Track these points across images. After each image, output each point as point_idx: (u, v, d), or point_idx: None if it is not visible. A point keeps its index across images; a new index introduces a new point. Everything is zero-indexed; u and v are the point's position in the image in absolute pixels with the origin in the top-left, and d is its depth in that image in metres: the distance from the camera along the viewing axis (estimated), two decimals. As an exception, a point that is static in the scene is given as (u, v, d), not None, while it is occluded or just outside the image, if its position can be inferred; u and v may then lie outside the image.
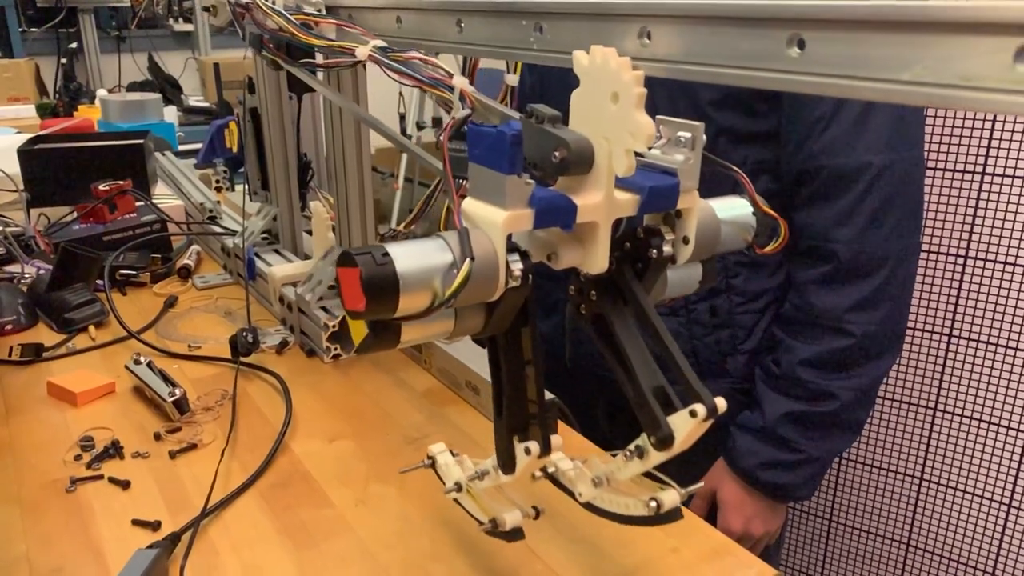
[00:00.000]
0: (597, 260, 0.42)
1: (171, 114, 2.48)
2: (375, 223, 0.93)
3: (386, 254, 0.37)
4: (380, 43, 0.57)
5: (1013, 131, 1.00)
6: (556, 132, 0.39)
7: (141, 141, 1.34)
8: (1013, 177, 1.01)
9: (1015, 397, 1.06)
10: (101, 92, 2.48)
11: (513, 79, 0.87)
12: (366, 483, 0.69)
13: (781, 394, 0.86)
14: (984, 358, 1.08)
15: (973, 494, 1.12)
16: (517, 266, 0.40)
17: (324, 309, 0.89)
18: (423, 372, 0.88)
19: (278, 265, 1.01)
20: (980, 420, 1.10)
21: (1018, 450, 1.07)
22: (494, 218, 0.39)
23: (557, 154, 0.39)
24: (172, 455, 0.72)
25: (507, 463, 0.48)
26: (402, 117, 2.96)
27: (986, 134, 1.01)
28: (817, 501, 1.25)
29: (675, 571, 0.58)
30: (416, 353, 0.89)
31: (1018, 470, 1.08)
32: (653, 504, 0.45)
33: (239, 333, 0.87)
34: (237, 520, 0.64)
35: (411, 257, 0.38)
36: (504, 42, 0.54)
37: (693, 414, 0.40)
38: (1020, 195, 1.01)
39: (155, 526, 0.62)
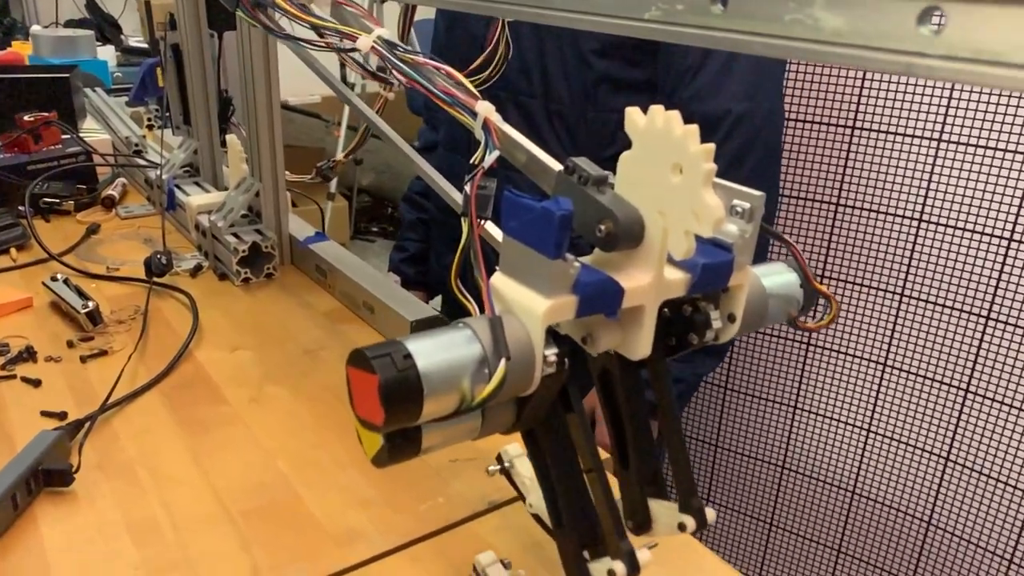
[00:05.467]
0: (639, 347, 0.37)
1: (108, 53, 2.47)
2: (284, 159, 0.99)
3: (408, 356, 0.32)
4: (385, 34, 0.50)
5: (879, 88, 1.09)
6: (602, 200, 0.35)
7: (67, 75, 1.37)
8: (879, 132, 1.11)
9: (876, 332, 1.18)
10: (35, 28, 2.44)
11: None
12: (261, 385, 0.76)
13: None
14: (852, 297, 1.18)
15: (838, 420, 1.24)
16: (552, 352, 0.35)
17: (235, 235, 0.96)
18: (327, 295, 0.95)
19: (195, 195, 1.07)
20: (846, 353, 1.21)
21: (876, 380, 1.19)
22: (533, 307, 0.34)
23: (603, 227, 0.35)
24: (83, 359, 0.78)
25: None
26: (342, 65, 2.96)
27: (856, 91, 1.11)
28: (704, 428, 1.36)
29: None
30: (321, 278, 0.96)
31: (876, 398, 1.20)
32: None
33: (153, 255, 0.93)
34: (139, 414, 0.71)
35: (435, 353, 0.33)
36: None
37: (682, 527, 0.37)
38: (884, 147, 1.11)
39: (62, 416, 0.69)
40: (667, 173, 0.33)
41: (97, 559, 0.55)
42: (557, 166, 0.40)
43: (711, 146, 0.32)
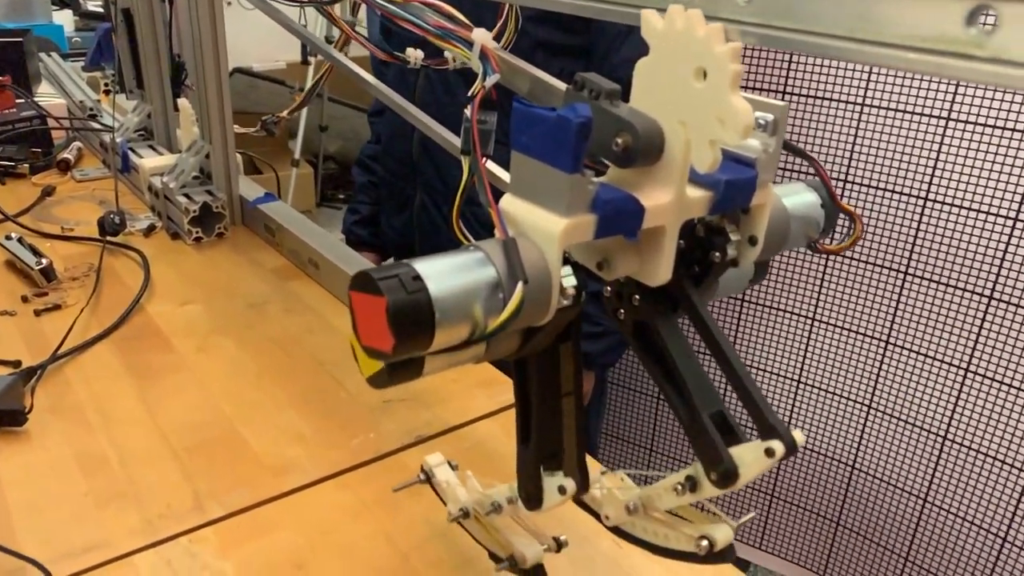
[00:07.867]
0: (659, 271, 0.35)
1: (66, 18, 2.45)
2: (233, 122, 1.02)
3: (417, 277, 0.30)
4: None
5: (811, 60, 1.14)
6: (617, 112, 0.32)
7: (20, 39, 1.38)
8: (808, 96, 1.16)
9: (806, 290, 1.24)
10: (-10, -8, 2.42)
11: None
12: (208, 336, 0.80)
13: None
14: (781, 256, 1.25)
15: (770, 372, 1.31)
16: (570, 282, 0.33)
17: (186, 196, 0.99)
18: (275, 253, 0.99)
19: (148, 158, 1.10)
20: (779, 309, 1.28)
21: (805, 335, 1.26)
22: (549, 227, 0.31)
23: (620, 141, 0.32)
24: (37, 313, 0.82)
25: (533, 497, 0.41)
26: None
27: (786, 57, 1.16)
28: (647, 383, 1.43)
29: (454, 395, 0.72)
30: (270, 237, 1.00)
31: (805, 352, 1.27)
32: (704, 543, 0.38)
33: (106, 214, 0.96)
34: (91, 363, 0.75)
35: (446, 277, 0.30)
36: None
37: (770, 453, 0.33)
38: (813, 112, 1.16)
39: (16, 364, 0.73)
40: (689, 79, 0.31)
41: (49, 488, 0.59)
42: (564, 86, 0.38)
43: (738, 45, 0.30)
